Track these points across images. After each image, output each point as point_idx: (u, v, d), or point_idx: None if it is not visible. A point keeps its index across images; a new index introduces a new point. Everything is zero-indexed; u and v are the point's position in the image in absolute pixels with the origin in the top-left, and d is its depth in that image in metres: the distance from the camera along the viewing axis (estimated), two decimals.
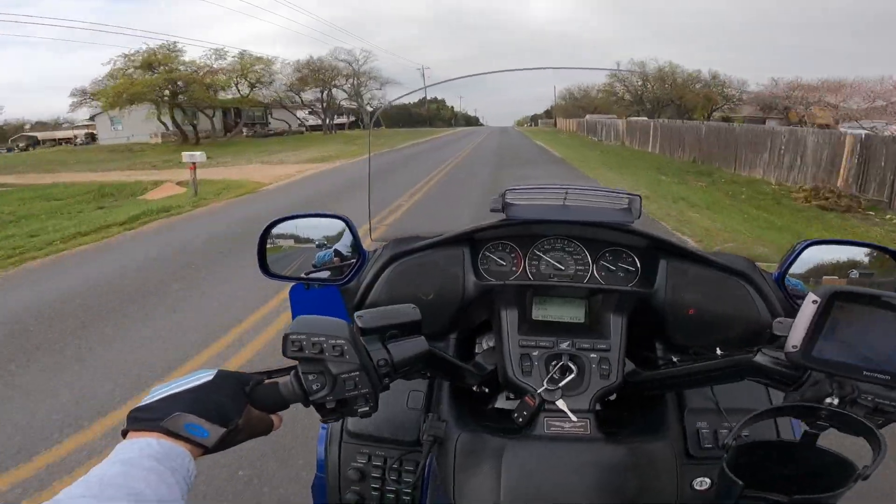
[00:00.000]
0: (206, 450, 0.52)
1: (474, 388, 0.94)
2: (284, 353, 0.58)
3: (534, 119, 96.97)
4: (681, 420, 0.84)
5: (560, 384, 0.78)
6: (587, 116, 40.70)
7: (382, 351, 0.62)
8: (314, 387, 0.59)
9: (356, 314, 0.63)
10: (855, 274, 0.87)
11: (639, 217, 0.85)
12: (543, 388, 0.78)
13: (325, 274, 0.92)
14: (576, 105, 53.02)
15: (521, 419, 0.77)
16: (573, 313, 0.90)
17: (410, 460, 0.85)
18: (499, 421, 0.80)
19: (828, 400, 0.56)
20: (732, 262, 0.87)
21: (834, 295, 0.52)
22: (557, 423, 0.76)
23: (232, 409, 0.54)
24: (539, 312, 0.90)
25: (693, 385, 0.84)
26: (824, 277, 0.87)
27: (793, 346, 0.55)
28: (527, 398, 0.78)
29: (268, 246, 0.91)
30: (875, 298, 0.52)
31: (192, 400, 0.52)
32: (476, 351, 0.96)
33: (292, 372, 0.60)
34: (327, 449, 0.89)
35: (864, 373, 0.53)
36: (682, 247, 0.87)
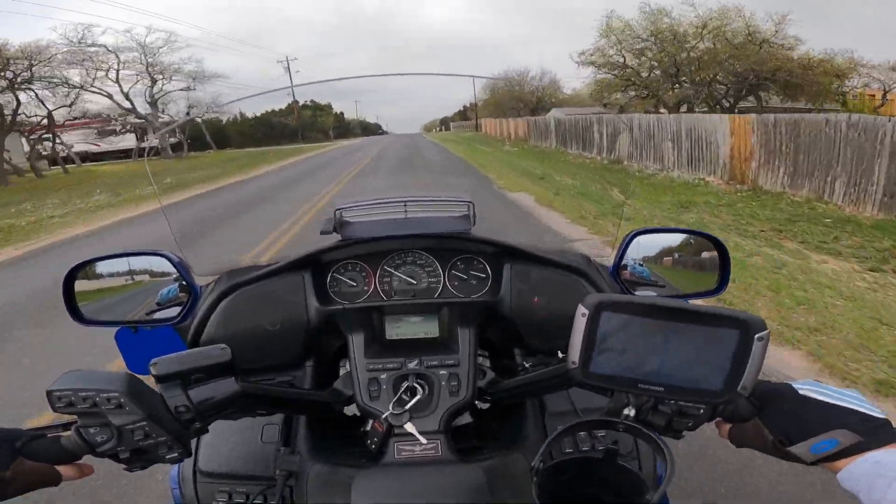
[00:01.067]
0: None
1: (346, 411, 0.92)
2: (52, 409, 0.54)
3: (444, 123, 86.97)
4: (542, 426, 0.85)
5: (407, 406, 0.77)
6: (552, 111, 27.49)
7: (182, 397, 0.59)
8: (98, 439, 0.55)
9: (151, 362, 0.59)
10: (678, 256, 0.93)
11: (474, 224, 0.87)
12: (389, 412, 0.76)
13: (169, 311, 0.85)
14: (513, 97, 34.79)
15: (373, 446, 0.75)
16: (427, 328, 0.89)
17: (273, 495, 0.81)
18: (365, 446, 0.78)
19: (625, 411, 0.56)
20: (571, 260, 0.90)
21: (599, 305, 0.52)
22: (408, 448, 0.75)
23: None
24: (392, 331, 0.89)
25: (535, 394, 0.86)
26: (660, 260, 0.92)
27: (573, 363, 0.54)
28: (375, 423, 0.76)
29: (88, 289, 0.85)
30: (635, 305, 0.52)
31: None
32: (340, 374, 0.93)
33: (73, 426, 0.56)
34: (182, 489, 0.84)
35: (639, 385, 0.53)
36: (522, 249, 0.89)
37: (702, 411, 0.55)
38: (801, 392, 0.55)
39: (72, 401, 0.54)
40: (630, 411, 0.55)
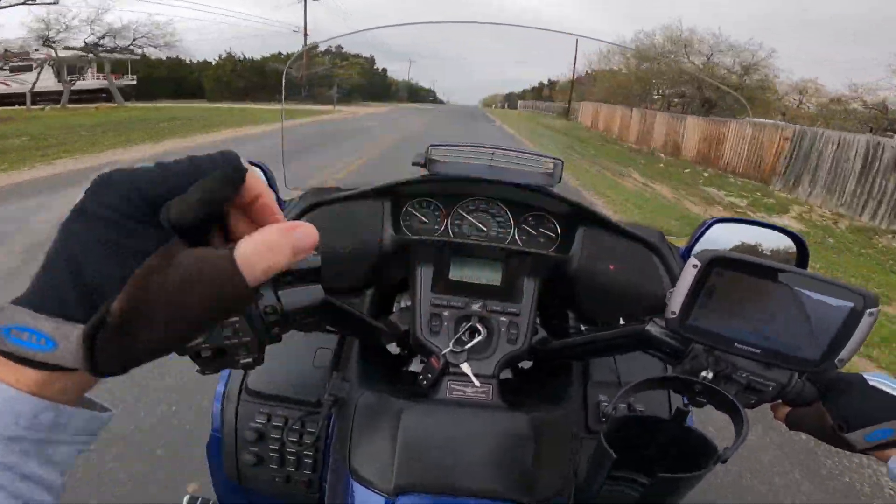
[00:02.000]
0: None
1: (391, 349, 0.95)
2: None
3: (509, 99, 78.69)
4: (584, 393, 0.87)
5: (466, 346, 0.79)
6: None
7: (272, 297, 0.57)
8: None
9: None
10: (751, 249, 0.92)
11: (559, 181, 0.88)
12: (449, 349, 0.79)
13: None
14: (672, 76, 22.35)
15: (425, 381, 0.77)
16: (490, 275, 0.91)
17: (313, 421, 0.84)
18: (410, 384, 0.81)
19: (703, 374, 0.57)
20: (645, 233, 0.91)
21: (713, 260, 0.52)
22: (460, 388, 0.77)
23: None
24: (456, 272, 0.91)
25: (592, 355, 0.87)
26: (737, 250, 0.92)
27: (671, 313, 0.55)
28: (432, 359, 0.78)
29: None
30: (754, 266, 0.52)
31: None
32: (394, 310, 0.96)
33: None
34: (223, 407, 0.87)
35: (736, 345, 0.54)
36: (599, 215, 0.90)
37: (771, 388, 0.56)
38: (870, 383, 0.57)
39: None
40: (708, 374, 0.57)
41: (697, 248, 0.90)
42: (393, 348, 0.96)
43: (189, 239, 0.31)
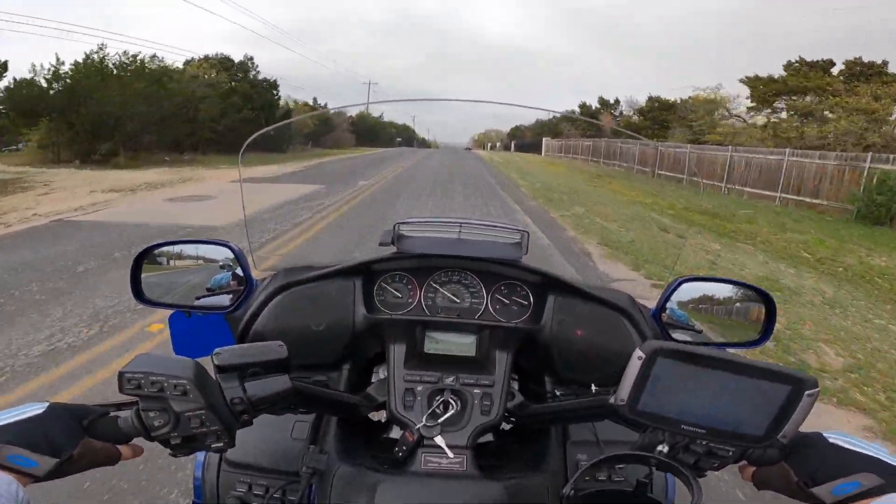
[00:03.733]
0: (38, 478, 0.53)
1: (369, 416, 0.96)
2: (120, 391, 0.58)
3: (514, 138, 67.20)
4: (563, 453, 0.89)
5: (440, 420, 0.81)
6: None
7: (238, 389, 0.63)
8: (155, 423, 0.59)
9: (214, 351, 0.64)
10: (720, 305, 0.97)
11: (526, 252, 0.92)
12: (422, 423, 0.81)
13: (219, 298, 0.93)
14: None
15: (400, 454, 0.79)
16: (464, 347, 0.94)
17: (294, 490, 0.86)
18: (389, 451, 0.82)
19: (659, 448, 0.62)
20: (614, 297, 0.94)
21: (655, 351, 0.58)
22: (435, 460, 0.79)
23: (64, 441, 0.55)
24: (431, 346, 0.94)
25: (566, 421, 0.90)
26: (700, 307, 0.96)
27: (620, 400, 0.61)
28: (406, 433, 0.80)
29: (148, 272, 0.92)
30: (693, 356, 0.58)
31: (16, 432, 0.53)
32: (372, 380, 0.98)
33: (133, 408, 0.60)
34: (205, 476, 0.89)
35: (682, 426, 0.59)
36: (569, 282, 0.93)
37: (731, 453, 0.61)
38: (830, 440, 0.61)
39: (140, 384, 0.58)
40: (664, 448, 0.61)
41: (668, 306, 0.93)
42: (375, 415, 0.98)
43: None
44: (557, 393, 0.94)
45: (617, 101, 42.16)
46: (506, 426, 0.96)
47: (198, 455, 0.90)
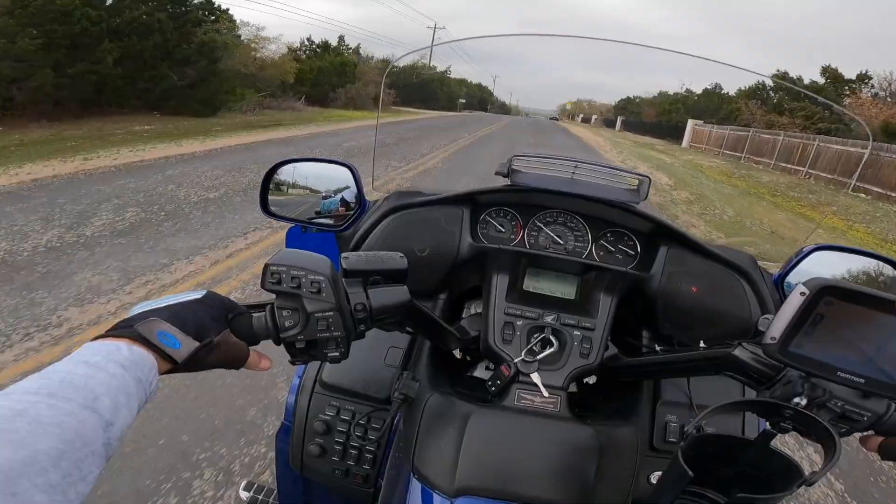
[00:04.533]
0: (176, 365, 0.53)
1: (455, 353, 0.99)
2: (262, 285, 0.60)
3: (623, 113, 52.28)
4: (652, 411, 0.87)
5: (538, 357, 0.82)
6: None
7: (362, 295, 0.64)
8: (287, 323, 0.61)
9: (342, 255, 0.65)
10: (853, 280, 0.88)
11: (645, 198, 0.88)
12: (520, 358, 0.81)
13: (326, 221, 0.97)
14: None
15: (493, 388, 0.80)
16: (564, 289, 0.93)
17: (379, 417, 0.88)
18: (474, 389, 0.84)
19: (795, 400, 0.58)
20: (735, 257, 0.89)
21: (824, 289, 0.52)
22: (528, 397, 0.79)
23: (210, 328, 0.57)
24: (531, 283, 0.94)
25: (669, 375, 0.87)
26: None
27: (771, 338, 0.56)
28: (503, 367, 0.81)
29: (273, 187, 0.98)
30: (868, 297, 0.52)
31: (171, 312, 0.55)
32: (463, 316, 1.00)
33: (268, 307, 0.62)
34: (298, 397, 0.93)
35: (839, 374, 0.54)
36: (686, 235, 0.90)
37: (866, 418, 0.57)
38: None
39: (281, 278, 0.59)
40: (802, 400, 0.57)
41: (793, 276, 0.87)
42: (458, 353, 1.00)
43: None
44: (657, 348, 0.90)
45: (864, 77, 25.58)
46: (590, 380, 0.96)
47: (294, 377, 0.96)
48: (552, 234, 0.96)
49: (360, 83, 29.59)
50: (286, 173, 1.00)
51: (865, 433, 0.61)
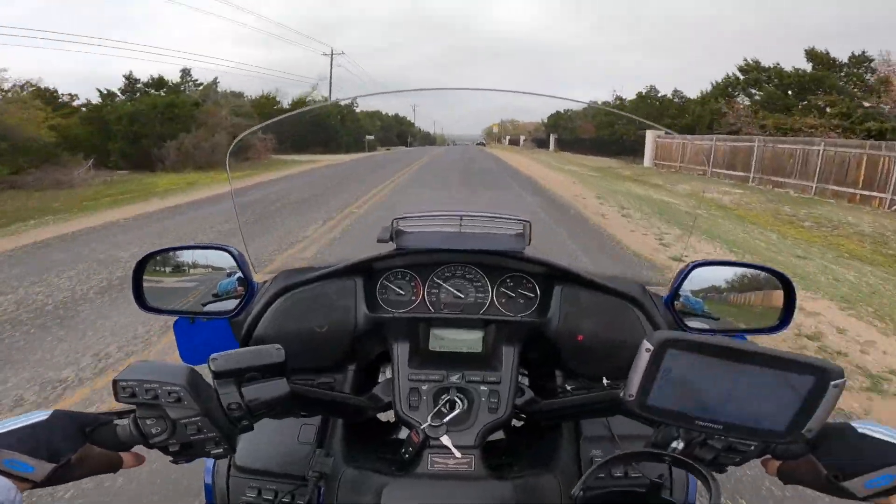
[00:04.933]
0: (35, 484, 0.65)
1: (378, 417, 1.14)
2: (116, 399, 0.70)
3: (555, 130, 54.87)
4: (577, 449, 1.05)
5: (446, 419, 0.96)
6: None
7: (235, 395, 0.75)
8: (153, 430, 0.71)
9: (210, 357, 0.76)
10: (736, 290, 1.11)
11: (528, 243, 1.09)
12: (427, 423, 0.95)
13: (226, 304, 1.10)
14: None
15: (406, 455, 0.94)
16: (470, 343, 1.11)
17: (303, 494, 0.99)
18: (398, 453, 0.97)
19: (673, 445, 0.71)
20: (624, 286, 1.10)
21: (665, 342, 0.65)
22: (441, 460, 0.93)
23: (63, 447, 0.67)
24: (436, 343, 1.11)
25: (576, 417, 1.05)
26: (716, 294, 1.10)
27: (629, 395, 0.68)
28: (412, 433, 0.95)
29: (153, 278, 1.11)
30: (706, 346, 0.65)
31: (16, 438, 0.65)
32: (379, 381, 1.15)
33: (130, 416, 0.73)
34: (215, 482, 1.05)
35: (697, 422, 0.66)
36: (575, 272, 1.10)
37: (752, 448, 0.70)
38: (859, 430, 0.70)
39: (135, 392, 0.70)
40: (679, 444, 0.71)
41: (682, 293, 1.08)
42: (385, 415, 1.14)
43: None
44: (568, 388, 1.10)
45: (862, 59, 25.19)
46: (517, 423, 1.13)
47: (206, 460, 1.06)
48: (452, 290, 1.14)
49: (202, 129, 24.41)
50: (166, 261, 1.13)
51: (763, 458, 0.75)
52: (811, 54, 26.61)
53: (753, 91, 29.11)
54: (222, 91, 33.19)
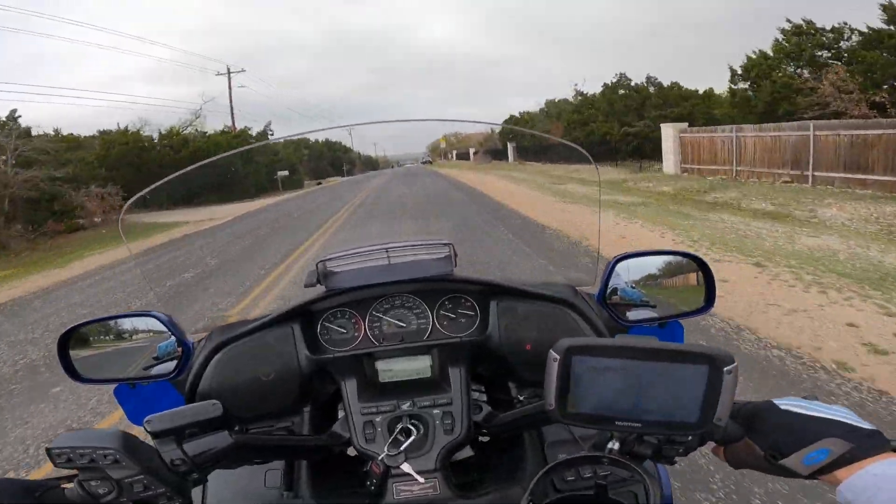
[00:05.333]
0: None
1: (346, 452, 1.34)
2: (54, 465, 0.83)
3: (511, 138, 53.67)
4: (542, 456, 1.26)
5: (402, 447, 1.15)
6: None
7: (177, 451, 0.90)
8: (100, 491, 0.85)
9: (145, 420, 0.91)
10: (664, 277, 1.34)
11: (455, 265, 1.33)
12: (385, 453, 1.14)
13: (168, 365, 1.27)
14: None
15: (372, 487, 1.12)
16: (419, 369, 1.34)
17: None
18: (364, 487, 1.15)
19: (609, 446, 0.85)
20: (555, 290, 1.35)
21: (569, 349, 0.79)
22: (406, 488, 1.11)
23: None
24: (385, 374, 1.34)
25: (529, 427, 1.27)
26: (648, 282, 1.33)
27: (549, 405, 0.82)
28: (373, 465, 1.13)
29: (83, 350, 1.30)
30: (602, 348, 0.79)
31: None
32: (339, 417, 1.36)
33: (75, 479, 0.86)
34: None
35: (616, 423, 0.80)
36: (507, 285, 1.34)
37: (690, 438, 0.83)
38: (782, 407, 0.84)
39: (70, 457, 0.82)
40: (614, 444, 0.86)
41: (618, 285, 1.30)
42: (353, 449, 1.32)
43: None
44: (521, 397, 1.33)
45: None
46: (483, 439, 1.35)
47: None
48: (393, 320, 1.37)
49: None
50: (97, 331, 1.33)
51: (711, 446, 0.90)
52: (796, 30, 25.20)
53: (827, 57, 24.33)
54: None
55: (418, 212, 19.41)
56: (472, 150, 77.50)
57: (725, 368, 0.75)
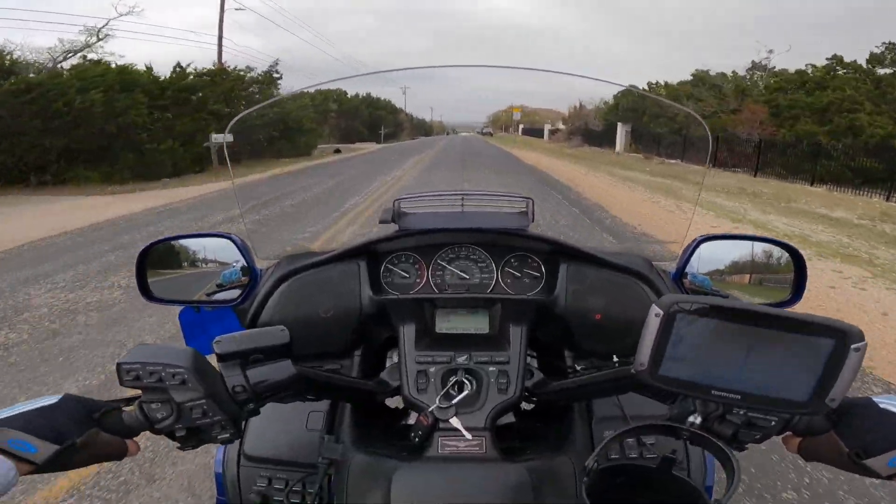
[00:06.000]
0: (38, 466, 0.76)
1: (386, 403, 1.37)
2: (121, 383, 0.83)
3: (625, 116, 38.42)
4: (590, 431, 1.25)
5: (454, 401, 1.13)
6: None
7: (240, 377, 0.89)
8: (158, 416, 0.84)
9: (214, 340, 0.90)
10: (744, 265, 1.31)
11: (532, 220, 1.32)
12: (436, 405, 1.13)
13: (230, 293, 1.32)
14: None
15: (416, 439, 1.11)
16: (477, 324, 1.33)
17: (313, 482, 1.16)
18: (407, 438, 1.14)
19: (690, 419, 0.80)
20: (630, 261, 1.32)
21: (674, 307, 0.73)
22: (452, 443, 1.10)
23: (70, 430, 0.79)
24: (443, 325, 1.33)
25: (588, 396, 1.25)
26: (724, 269, 1.30)
27: (640, 365, 0.76)
28: (420, 416, 1.12)
29: (155, 269, 1.35)
30: (717, 309, 0.72)
31: (24, 419, 0.77)
32: (386, 365, 1.36)
33: (136, 401, 0.86)
34: (225, 472, 1.27)
35: (713, 392, 0.74)
36: (580, 249, 1.31)
37: (773, 423, 0.79)
38: (881, 406, 0.79)
39: (139, 375, 0.82)
40: (696, 419, 0.80)
41: (689, 270, 1.29)
42: (393, 402, 1.34)
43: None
44: (578, 367, 1.32)
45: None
46: (527, 406, 1.34)
47: (217, 450, 1.29)
48: (456, 271, 1.37)
49: None
50: (169, 252, 1.38)
51: (784, 434, 0.85)
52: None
53: None
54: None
55: None
56: (547, 127, 70.25)
57: (853, 346, 0.69)
